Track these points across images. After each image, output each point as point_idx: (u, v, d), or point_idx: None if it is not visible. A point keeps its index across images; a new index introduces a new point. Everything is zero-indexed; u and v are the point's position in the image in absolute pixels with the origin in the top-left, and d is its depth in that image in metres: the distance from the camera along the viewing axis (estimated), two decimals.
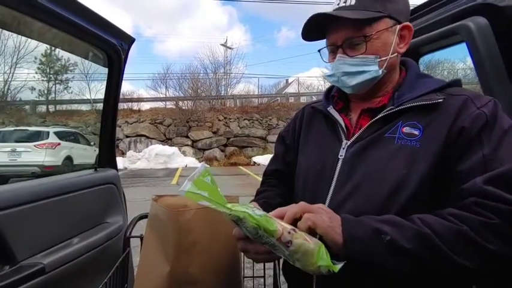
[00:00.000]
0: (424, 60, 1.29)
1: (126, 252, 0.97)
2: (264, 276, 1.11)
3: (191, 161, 12.59)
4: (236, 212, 0.50)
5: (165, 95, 17.24)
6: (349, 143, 0.69)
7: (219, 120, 14.61)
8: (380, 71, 0.67)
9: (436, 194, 0.60)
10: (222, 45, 19.96)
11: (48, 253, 0.85)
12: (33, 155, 8.21)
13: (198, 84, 16.53)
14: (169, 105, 16.29)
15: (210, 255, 0.73)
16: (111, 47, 1.15)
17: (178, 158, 12.43)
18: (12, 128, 9.22)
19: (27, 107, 17.55)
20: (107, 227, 1.13)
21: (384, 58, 0.66)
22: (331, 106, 0.76)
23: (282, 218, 0.56)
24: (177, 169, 11.00)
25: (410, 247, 0.52)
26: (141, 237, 0.92)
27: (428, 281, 0.57)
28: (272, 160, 0.92)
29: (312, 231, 0.53)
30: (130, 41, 1.23)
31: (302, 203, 0.59)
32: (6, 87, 17.08)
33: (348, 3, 0.66)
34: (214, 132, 14.17)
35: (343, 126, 0.72)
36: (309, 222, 0.54)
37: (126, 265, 0.96)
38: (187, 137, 14.01)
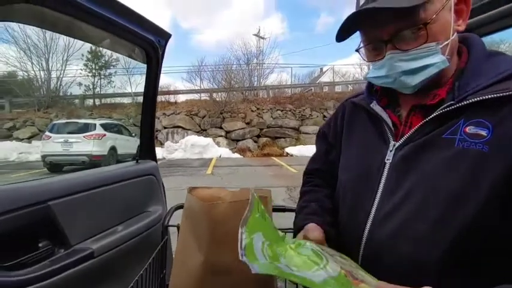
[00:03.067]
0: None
1: (164, 240, 1.02)
2: None
3: (225, 151, 12.87)
4: (313, 285, 0.43)
5: (200, 87, 17.69)
6: (397, 144, 0.58)
7: (252, 111, 14.68)
8: (446, 61, 0.54)
9: (508, 214, 0.47)
10: (254, 35, 19.85)
11: (96, 239, 0.92)
12: (82, 145, 8.94)
13: (231, 76, 16.68)
14: (204, 96, 16.71)
15: None
16: (149, 43, 1.18)
17: (213, 149, 12.76)
18: (65, 121, 10.08)
19: (76, 101, 19.07)
20: (148, 216, 1.19)
21: (446, 42, 0.53)
22: (374, 102, 0.65)
23: None
24: (211, 159, 11.32)
25: None
26: (178, 226, 0.96)
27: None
28: (313, 159, 0.84)
29: None
30: (167, 36, 1.26)
31: None
32: (58, 83, 18.68)
33: None
34: (247, 123, 14.29)
35: (390, 124, 0.61)
36: None
37: (164, 252, 1.01)
38: (221, 128, 14.30)
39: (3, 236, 0.69)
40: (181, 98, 16.88)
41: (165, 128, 14.40)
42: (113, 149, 9.63)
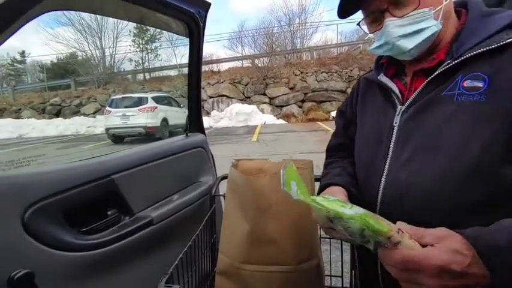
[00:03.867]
0: None
1: (213, 209, 1.09)
2: (341, 240, 1.10)
3: (269, 118, 12.88)
4: (342, 215, 0.46)
5: (242, 53, 17.47)
6: (403, 108, 0.63)
7: (296, 75, 14.19)
8: (440, 24, 0.57)
9: (508, 161, 0.49)
10: None
11: (154, 208, 1.01)
12: (138, 118, 9.67)
13: (272, 40, 16.09)
14: (246, 63, 16.52)
15: (286, 218, 0.76)
16: (189, 16, 1.17)
17: (257, 116, 12.85)
18: (121, 96, 10.90)
19: (129, 76, 20.35)
20: (200, 186, 1.27)
21: (439, 8, 0.57)
22: (382, 73, 0.70)
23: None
24: (256, 126, 11.45)
25: None
26: (225, 196, 1.00)
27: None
28: (333, 135, 0.89)
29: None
30: (206, 6, 1.23)
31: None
32: (112, 60, 20.01)
33: None
34: (291, 88, 13.94)
35: (397, 92, 0.65)
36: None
37: (213, 219, 1.08)
38: (264, 94, 14.19)
39: (77, 207, 0.79)
40: (224, 66, 16.94)
41: (210, 97, 14.77)
42: (164, 120, 10.25)
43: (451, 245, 0.42)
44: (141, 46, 20.39)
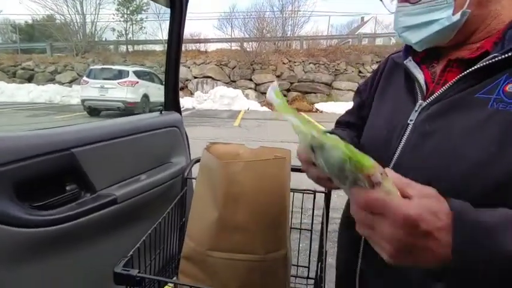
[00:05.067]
0: None
1: (184, 191, 1.05)
2: (311, 230, 1.11)
3: (254, 104, 12.78)
4: (327, 139, 0.39)
5: (231, 35, 17.03)
6: (424, 104, 0.53)
7: (283, 63, 14.08)
8: (454, 18, 0.47)
9: None
10: None
11: (119, 186, 0.95)
12: (117, 91, 9.27)
13: (263, 24, 15.76)
14: (235, 46, 16.15)
15: (257, 206, 0.75)
16: None
17: (241, 101, 12.71)
18: (100, 67, 10.36)
19: (110, 46, 19.35)
20: (171, 167, 1.22)
21: None
22: (410, 57, 0.59)
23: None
24: (239, 111, 11.34)
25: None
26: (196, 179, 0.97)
27: None
28: (347, 112, 0.82)
29: None
30: None
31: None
32: (93, 27, 18.88)
33: None
34: (277, 76, 13.84)
35: (422, 82, 0.55)
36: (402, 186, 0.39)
37: (184, 202, 1.04)
38: (250, 80, 14.03)
39: (29, 180, 0.72)
40: (212, 47, 16.48)
41: (195, 77, 14.41)
42: (145, 96, 9.91)
43: (431, 204, 0.35)
44: (125, 16, 19.33)
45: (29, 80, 15.40)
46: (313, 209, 1.13)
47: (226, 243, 0.75)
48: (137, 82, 9.63)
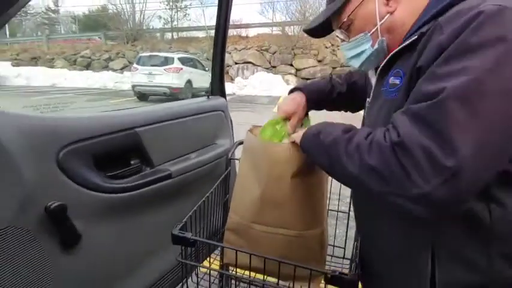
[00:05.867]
0: None
1: (228, 171, 1.14)
2: (348, 212, 1.14)
3: None
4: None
5: (272, 20, 16.76)
6: (369, 100, 0.71)
7: (326, 47, 13.56)
8: (373, 48, 0.64)
9: None
10: None
11: (173, 163, 1.07)
12: (163, 77, 9.74)
13: (306, 7, 15.22)
14: (276, 31, 15.90)
15: (297, 187, 0.79)
16: None
17: (281, 86, 12.60)
18: (148, 54, 10.95)
19: (157, 34, 20.23)
20: (216, 148, 1.32)
21: (374, 29, 0.63)
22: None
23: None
24: (279, 97, 11.29)
25: (328, 147, 0.59)
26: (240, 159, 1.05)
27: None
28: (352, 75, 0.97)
29: None
30: None
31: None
32: (141, 16, 19.83)
33: None
34: (319, 61, 13.42)
35: (373, 83, 0.71)
36: (295, 137, 0.74)
37: (227, 181, 1.14)
38: (291, 65, 13.79)
39: (104, 153, 0.86)
40: (253, 32, 16.41)
41: (236, 63, 14.54)
42: (188, 82, 10.29)
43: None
44: (170, 3, 19.98)
45: (87, 67, 16.85)
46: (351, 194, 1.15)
47: (268, 217, 0.82)
48: (181, 69, 10.03)
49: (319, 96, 0.92)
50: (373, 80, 0.71)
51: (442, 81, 0.45)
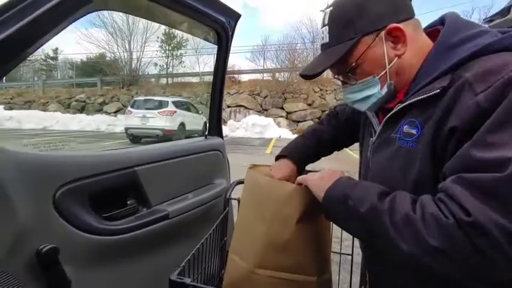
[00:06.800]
0: None
1: (226, 211, 1.11)
2: (352, 254, 1.10)
3: (285, 132, 12.88)
4: None
5: (263, 66, 17.74)
6: (373, 140, 0.69)
7: (315, 92, 14.23)
8: (383, 91, 0.63)
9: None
10: (322, 11, 18.82)
11: (170, 203, 1.05)
12: (157, 120, 9.88)
13: (294, 55, 16.27)
14: (267, 77, 16.74)
15: (304, 229, 0.75)
16: (219, 24, 1.23)
17: (273, 129, 12.88)
18: (143, 98, 11.22)
19: (152, 79, 21.00)
20: (214, 188, 1.30)
21: (383, 72, 0.62)
22: None
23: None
24: (271, 139, 11.48)
25: (364, 216, 0.54)
26: (239, 200, 1.02)
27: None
28: (352, 109, 0.94)
29: None
30: (236, 17, 1.29)
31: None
32: (138, 63, 20.74)
33: (324, 40, 0.65)
34: (309, 105, 13.96)
35: (374, 124, 0.71)
36: (301, 180, 0.73)
37: (225, 222, 1.10)
38: (282, 108, 14.27)
39: (101, 193, 0.84)
40: (245, 77, 17.23)
41: (228, 107, 14.98)
42: (182, 125, 10.44)
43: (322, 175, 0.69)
44: (167, 52, 21.10)
45: (81, 110, 17.05)
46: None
47: (273, 261, 0.75)
48: (175, 111, 10.23)
49: (307, 156, 0.93)
50: (375, 121, 0.71)
51: (503, 150, 0.44)
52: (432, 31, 0.64)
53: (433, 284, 0.56)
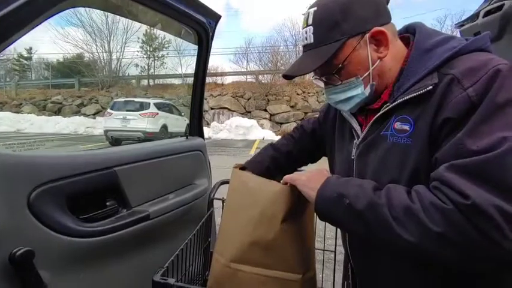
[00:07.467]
0: None
1: (210, 212, 1.11)
2: (334, 251, 1.12)
3: (268, 134, 12.94)
4: None
5: (246, 69, 17.77)
6: (358, 142, 0.70)
7: (298, 94, 14.40)
8: (366, 92, 0.65)
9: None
10: (303, 14, 19.09)
11: (151, 204, 1.04)
12: (138, 122, 9.67)
13: (277, 58, 16.42)
14: (250, 79, 16.77)
15: (289, 227, 0.76)
16: (200, 25, 1.24)
17: (256, 131, 12.91)
18: (124, 99, 10.95)
19: (133, 81, 20.53)
20: (195, 188, 1.30)
21: (366, 74, 0.64)
22: None
23: None
24: (254, 141, 11.50)
25: (363, 213, 0.55)
26: (223, 200, 1.03)
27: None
28: (314, 120, 0.97)
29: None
30: (216, 18, 1.30)
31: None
32: (118, 64, 20.22)
33: (308, 41, 0.65)
34: (292, 107, 14.10)
35: (355, 126, 0.72)
36: (287, 179, 0.72)
37: (209, 222, 1.10)
38: (265, 110, 14.33)
39: (79, 194, 0.82)
40: (228, 79, 17.18)
41: (212, 108, 14.88)
42: (164, 127, 10.27)
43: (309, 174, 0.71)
44: (148, 53, 20.70)
45: (57, 112, 16.40)
46: (336, 231, 1.14)
47: (258, 258, 0.75)
48: (157, 113, 10.06)
49: (264, 168, 0.93)
50: (354, 122, 0.73)
51: (492, 136, 0.47)
52: (401, 37, 0.68)
53: (412, 273, 0.60)
